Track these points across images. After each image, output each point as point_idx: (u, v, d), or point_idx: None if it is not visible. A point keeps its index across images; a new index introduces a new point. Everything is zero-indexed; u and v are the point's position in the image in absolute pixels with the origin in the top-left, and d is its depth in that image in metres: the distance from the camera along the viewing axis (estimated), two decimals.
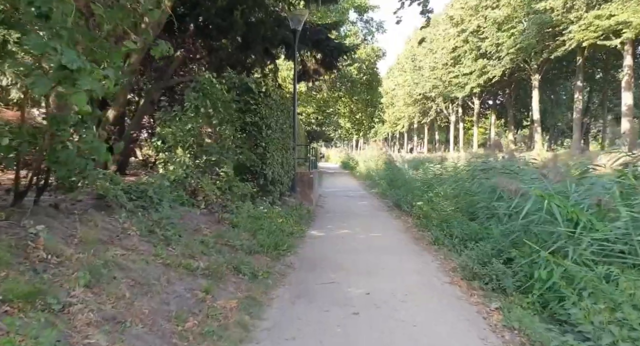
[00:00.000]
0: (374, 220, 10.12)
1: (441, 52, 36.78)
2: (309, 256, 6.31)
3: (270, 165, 8.77)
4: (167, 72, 8.16)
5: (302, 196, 12.14)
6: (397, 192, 13.46)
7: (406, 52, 59.49)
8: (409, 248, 7.07)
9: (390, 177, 16.66)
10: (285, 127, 10.40)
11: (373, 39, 30.30)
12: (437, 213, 8.88)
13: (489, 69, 29.77)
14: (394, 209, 12.17)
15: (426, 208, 9.88)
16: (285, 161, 10.42)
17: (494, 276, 4.76)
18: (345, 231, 8.56)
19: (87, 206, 4.47)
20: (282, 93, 10.17)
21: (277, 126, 9.33)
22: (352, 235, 8.14)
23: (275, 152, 9.22)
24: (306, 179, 12.34)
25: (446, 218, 8.28)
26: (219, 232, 5.86)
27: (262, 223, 7.04)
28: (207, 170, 7.46)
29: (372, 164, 25.31)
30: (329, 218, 10.36)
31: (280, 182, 9.86)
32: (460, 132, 50.11)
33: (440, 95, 43.43)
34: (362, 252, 6.65)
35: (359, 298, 4.48)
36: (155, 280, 3.52)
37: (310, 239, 7.60)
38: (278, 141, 9.47)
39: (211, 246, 5.08)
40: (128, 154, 7.97)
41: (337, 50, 15.35)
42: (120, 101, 7.30)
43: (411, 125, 63.79)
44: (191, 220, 5.99)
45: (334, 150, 68.79)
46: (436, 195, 10.30)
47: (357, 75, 26.90)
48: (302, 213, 9.78)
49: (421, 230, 8.70)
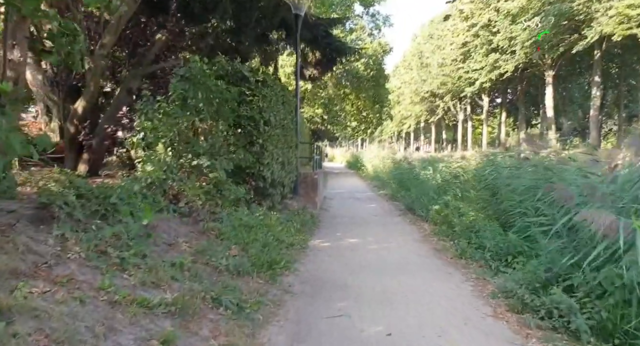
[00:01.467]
0: (386, 227, 9.00)
1: (450, 48, 35.53)
2: (312, 275, 5.21)
3: (269, 165, 7.67)
4: (148, 57, 7.07)
5: (306, 199, 11.05)
6: (409, 194, 12.34)
7: (412, 49, 58.21)
8: (431, 263, 5.94)
9: (400, 178, 15.52)
10: (287, 122, 9.30)
11: (380, 33, 29.29)
12: (459, 219, 7.76)
13: (501, 63, 28.49)
14: (406, 213, 11.05)
15: (446, 212, 8.77)
16: (286, 160, 9.32)
17: (554, 309, 3.63)
18: (354, 240, 7.45)
19: (20, 218, 3.40)
20: (282, 85, 9.07)
21: (277, 121, 8.24)
22: (362, 246, 7.03)
23: (275, 151, 8.13)
24: (310, 180, 11.25)
25: (472, 226, 7.17)
26: (202, 246, 4.76)
27: (257, 233, 5.95)
28: (193, 171, 6.38)
29: (380, 164, 24.19)
30: (335, 224, 9.26)
31: (280, 183, 8.77)
32: (469, 131, 48.78)
33: (448, 93, 42.13)
34: (375, 269, 5.54)
35: (378, 341, 3.37)
36: (88, 332, 2.43)
37: (314, 251, 6.50)
38: (278, 138, 8.38)
39: (187, 268, 3.99)
40: (102, 152, 6.92)
41: (338, 51, 14.24)
42: (91, 90, 6.24)
43: (418, 124, 62.50)
44: (168, 231, 4.91)
45: (339, 149, 67.71)
46: (455, 197, 9.17)
47: (363, 71, 25.77)
48: (305, 219, 8.68)
49: (441, 238, 7.58)
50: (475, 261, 5.89)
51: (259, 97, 7.35)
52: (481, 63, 30.85)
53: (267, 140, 7.49)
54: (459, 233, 7.33)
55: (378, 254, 6.48)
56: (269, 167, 7.63)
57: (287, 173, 9.44)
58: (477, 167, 9.58)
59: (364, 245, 7.07)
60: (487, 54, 29.74)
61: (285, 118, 9.07)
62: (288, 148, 9.49)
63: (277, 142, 8.32)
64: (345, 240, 7.48)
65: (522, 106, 37.84)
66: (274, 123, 7.96)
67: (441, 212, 9.18)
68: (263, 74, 7.52)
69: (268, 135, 7.57)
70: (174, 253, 4.36)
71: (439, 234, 7.97)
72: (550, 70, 29.65)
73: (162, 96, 6.21)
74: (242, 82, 7.30)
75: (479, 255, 5.92)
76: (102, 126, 6.61)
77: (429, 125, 61.15)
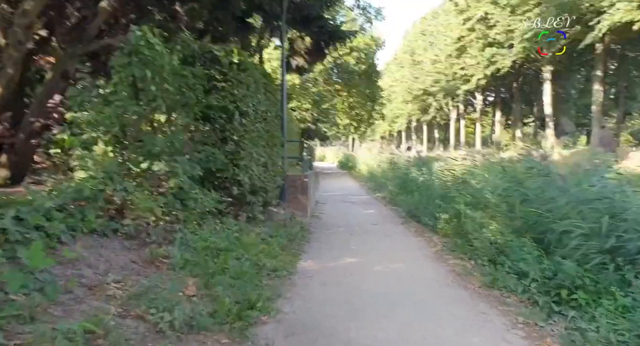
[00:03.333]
0: (389, 239, 7.63)
1: (444, 43, 34.31)
2: (300, 320, 3.79)
3: (247, 168, 6.25)
4: (89, 32, 5.58)
5: (295, 205, 9.65)
6: (411, 199, 10.99)
7: (404, 46, 57.03)
8: (456, 297, 4.56)
9: (399, 180, 14.17)
10: (270, 116, 7.88)
11: (372, 27, 27.93)
12: (478, 232, 6.41)
13: (497, 58, 27.31)
14: (409, 221, 9.70)
15: (457, 222, 7.43)
16: (270, 162, 7.90)
17: None
18: (354, 260, 6.06)
19: None
20: (264, 71, 7.65)
21: (258, 114, 6.82)
22: (363, 268, 5.64)
23: (255, 150, 6.71)
24: (299, 184, 9.84)
25: (496, 242, 5.83)
26: (141, 286, 3.33)
27: (228, 259, 4.53)
28: (147, 178, 4.93)
29: (374, 164, 22.87)
30: (329, 236, 7.85)
31: (263, 189, 7.35)
32: (462, 130, 47.71)
33: (441, 90, 40.94)
34: (385, 307, 4.15)
35: None
36: None
37: (303, 279, 5.08)
38: (259, 134, 6.96)
39: (101, 334, 2.55)
40: (29, 153, 5.43)
41: (331, 34, 12.80)
42: (9, 73, 4.74)
43: (409, 123, 61.33)
44: (96, 264, 3.47)
45: (330, 149, 66.26)
46: (466, 204, 7.82)
47: (355, 65, 24.41)
48: (293, 232, 7.27)
49: (458, 256, 6.22)
50: (512, 292, 4.54)
51: (234, 83, 5.93)
52: (477, 58, 29.65)
53: (243, 136, 6.07)
54: (480, 250, 5.99)
55: (385, 281, 5.09)
56: (246, 170, 6.21)
57: (271, 176, 8.03)
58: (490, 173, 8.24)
59: (365, 267, 5.67)
60: (484, 49, 28.53)
61: (268, 111, 7.65)
62: (272, 147, 8.07)
63: (258, 139, 6.90)
64: (343, 259, 6.08)
65: (518, 104, 36.79)
66: (253, 116, 6.54)
67: (451, 221, 7.86)
68: (239, 56, 6.08)
69: (245, 130, 6.15)
70: (93, 303, 2.92)
71: (453, 250, 6.62)
72: (548, 65, 28.58)
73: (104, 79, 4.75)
74: (212, 64, 5.87)
75: (518, 284, 4.56)
76: (29, 120, 5.13)
77: (421, 124, 60.02)
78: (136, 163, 4.69)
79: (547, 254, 4.86)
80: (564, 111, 42.05)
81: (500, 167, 7.25)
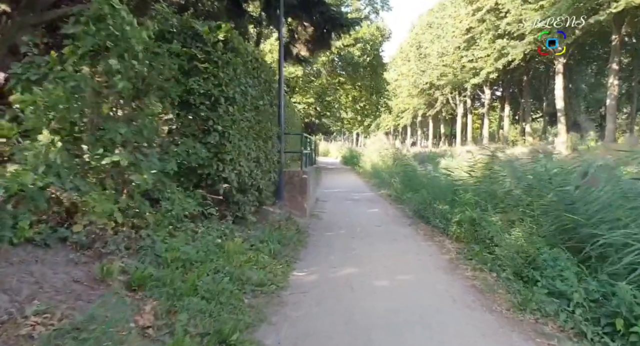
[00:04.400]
0: (396, 244, 6.80)
1: (452, 35, 33.19)
2: None
3: (234, 163, 5.44)
4: None
5: (292, 204, 8.84)
6: (418, 197, 10.16)
7: (410, 39, 55.81)
8: (480, 322, 3.73)
9: (405, 176, 13.33)
10: (264, 104, 7.04)
11: (378, 17, 26.95)
12: (500, 237, 5.60)
13: (508, 50, 26.24)
14: (417, 221, 8.87)
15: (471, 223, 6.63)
16: (263, 156, 7.09)
17: None
18: (355, 270, 5.24)
19: None
20: (257, 54, 6.81)
21: (248, 101, 5.99)
22: (366, 281, 4.82)
23: (245, 143, 5.89)
24: (298, 181, 9.02)
25: (522, 250, 5.01)
26: (73, 319, 2.53)
27: (202, 274, 3.73)
28: (113, 175, 4.13)
29: (378, 160, 22.02)
30: (328, 240, 7.04)
31: (255, 187, 6.54)
32: (469, 125, 46.65)
33: (448, 84, 39.86)
34: (394, 338, 3.33)
35: None
36: None
37: (295, 296, 4.26)
38: (250, 125, 6.13)
39: None
40: None
41: (334, 22, 11.89)
42: None
43: (415, 117, 60.27)
44: (19, 286, 2.68)
45: (334, 144, 65.24)
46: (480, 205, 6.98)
47: (359, 57, 23.45)
48: (288, 235, 6.45)
49: (476, 266, 5.38)
50: (548, 317, 3.71)
51: (219, 64, 5.09)
52: (487, 50, 28.58)
53: (230, 126, 5.23)
54: (503, 260, 5.16)
55: (392, 299, 4.27)
56: (233, 165, 5.39)
57: (266, 172, 7.21)
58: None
59: (368, 280, 4.85)
60: (494, 40, 27.45)
61: (261, 99, 6.81)
62: (266, 140, 7.25)
63: (249, 130, 6.07)
64: (342, 269, 5.27)
65: (528, 98, 35.75)
66: (243, 103, 5.70)
67: (465, 223, 7.04)
68: (227, 33, 5.24)
69: (232, 119, 5.32)
70: None
71: (469, 258, 5.79)
72: (560, 57, 27.51)
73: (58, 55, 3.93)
74: (193, 42, 5.03)
75: (557, 309, 3.72)
76: None
77: (427, 119, 58.95)
78: (94, 155, 3.88)
79: (588, 269, 4.05)
80: (573, 106, 40.95)
81: (523, 163, 6.37)
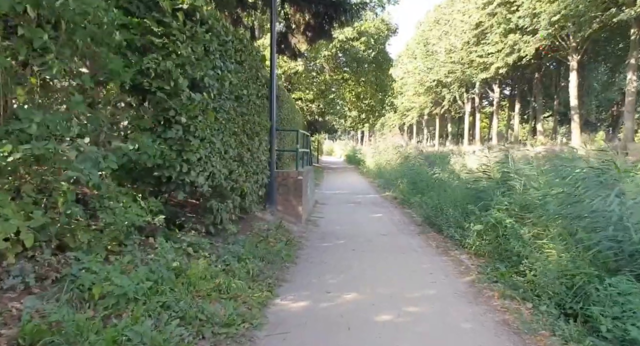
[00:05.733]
0: (403, 259, 5.74)
1: (461, 30, 31.96)
2: None
3: (203, 163, 4.40)
4: None
5: (285, 209, 7.82)
6: (428, 200, 9.11)
7: (417, 36, 54.62)
8: None
9: (412, 178, 12.26)
10: (249, 93, 5.99)
11: (384, 11, 25.79)
12: (532, 256, 4.55)
13: (521, 45, 25.02)
14: (427, 229, 7.81)
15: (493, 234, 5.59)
16: (250, 155, 6.06)
17: None
18: (353, 297, 4.19)
19: None
20: (237, 31, 5.74)
21: (226, 88, 4.95)
22: (367, 316, 3.77)
23: (222, 138, 4.85)
24: (292, 183, 7.98)
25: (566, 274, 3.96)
26: None
27: (137, 317, 2.69)
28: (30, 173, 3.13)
29: (382, 160, 21.01)
30: (323, 253, 5.99)
31: (237, 191, 5.51)
32: (477, 124, 45.42)
33: (456, 81, 38.64)
34: None
35: None
36: None
37: (272, 340, 3.22)
38: (229, 117, 5.10)
39: None
40: None
41: (335, 7, 10.82)
42: None
43: (421, 116, 59.05)
44: None
45: (338, 143, 64.13)
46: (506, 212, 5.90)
47: (364, 51, 22.35)
48: (276, 249, 5.42)
49: (504, 292, 4.31)
50: None
51: (181, 39, 4.05)
52: (498, 45, 27.36)
53: (197, 118, 4.19)
54: (539, 286, 4.11)
55: (400, 343, 3.22)
56: (203, 166, 4.35)
57: (252, 174, 6.17)
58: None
59: (370, 312, 3.80)
60: (506, 35, 26.23)
61: (245, 88, 5.77)
62: (252, 136, 6.21)
63: (227, 123, 5.03)
64: (338, 295, 4.22)
65: (539, 96, 34.51)
66: (219, 90, 4.67)
67: (486, 235, 5.98)
68: (192, 1, 4.19)
69: (202, 110, 4.28)
70: None
71: (495, 280, 4.73)
72: (575, 54, 26.28)
73: None
74: (148, 12, 4.00)
75: None
76: None
77: (433, 118, 57.71)
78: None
79: None
80: (585, 104, 39.63)
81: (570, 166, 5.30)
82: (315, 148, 38.12)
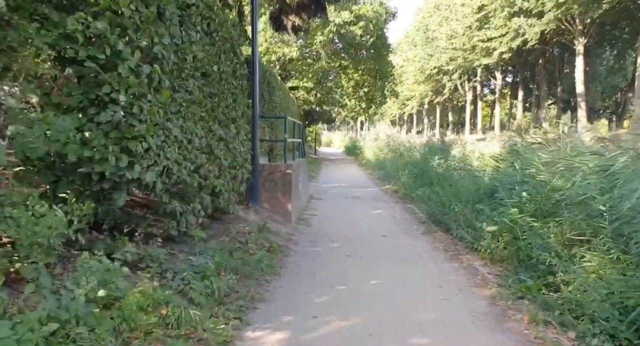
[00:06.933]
0: (407, 268, 4.85)
1: (463, 15, 30.78)
2: None
3: (154, 156, 3.46)
4: None
5: (273, 207, 6.93)
6: (431, 194, 8.21)
7: (417, 23, 53.27)
8: None
9: (415, 170, 11.35)
10: (222, 72, 5.05)
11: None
12: (568, 269, 3.68)
13: (525, 29, 23.91)
14: (432, 228, 6.91)
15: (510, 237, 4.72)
16: (225, 146, 5.13)
17: None
18: (345, 325, 3.30)
19: None
20: (214, 2, 4.79)
21: (189, 63, 4.01)
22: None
23: (183, 123, 3.93)
24: (279, 177, 7.06)
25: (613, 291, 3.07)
26: None
27: None
28: None
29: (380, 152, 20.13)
30: (313, 261, 5.09)
31: (207, 189, 4.60)
32: (479, 112, 44.39)
33: (458, 68, 37.49)
34: None
35: None
36: None
37: None
38: (192, 98, 4.16)
39: None
40: None
41: None
42: None
43: (421, 105, 57.90)
44: None
45: (337, 134, 63.01)
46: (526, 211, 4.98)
47: (362, 37, 21.28)
48: (255, 258, 4.51)
49: (536, 314, 3.41)
50: None
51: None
52: (501, 29, 26.21)
53: (144, 98, 3.26)
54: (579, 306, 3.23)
55: None
56: (151, 159, 3.42)
57: (227, 168, 5.24)
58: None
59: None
60: (510, 18, 25.07)
61: (216, 64, 4.82)
62: (227, 124, 5.27)
63: (189, 105, 4.09)
64: (326, 322, 3.32)
65: (543, 83, 33.46)
66: (179, 66, 3.72)
67: (501, 235, 5.10)
68: None
69: (150, 86, 3.34)
70: None
71: (520, 295, 3.84)
72: (581, 37, 25.20)
73: None
74: None
75: None
76: None
77: (434, 106, 56.55)
78: None
79: None
80: (590, 91, 38.58)
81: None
82: (314, 139, 37.11)
